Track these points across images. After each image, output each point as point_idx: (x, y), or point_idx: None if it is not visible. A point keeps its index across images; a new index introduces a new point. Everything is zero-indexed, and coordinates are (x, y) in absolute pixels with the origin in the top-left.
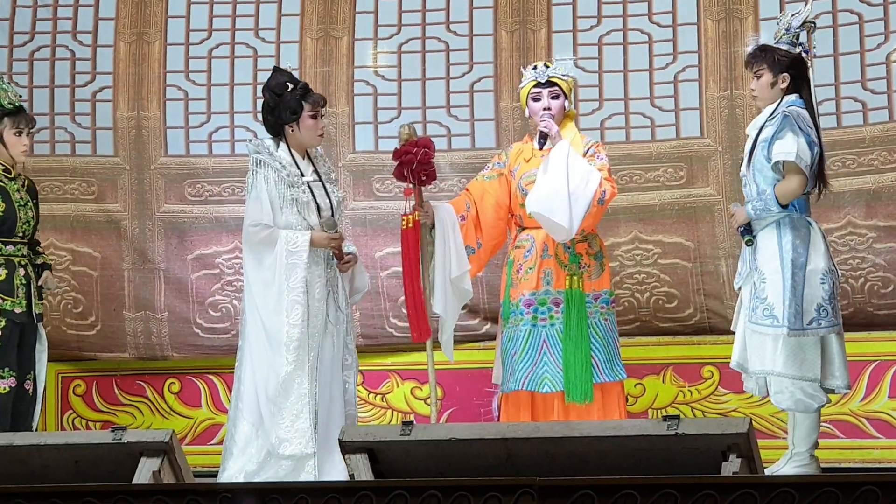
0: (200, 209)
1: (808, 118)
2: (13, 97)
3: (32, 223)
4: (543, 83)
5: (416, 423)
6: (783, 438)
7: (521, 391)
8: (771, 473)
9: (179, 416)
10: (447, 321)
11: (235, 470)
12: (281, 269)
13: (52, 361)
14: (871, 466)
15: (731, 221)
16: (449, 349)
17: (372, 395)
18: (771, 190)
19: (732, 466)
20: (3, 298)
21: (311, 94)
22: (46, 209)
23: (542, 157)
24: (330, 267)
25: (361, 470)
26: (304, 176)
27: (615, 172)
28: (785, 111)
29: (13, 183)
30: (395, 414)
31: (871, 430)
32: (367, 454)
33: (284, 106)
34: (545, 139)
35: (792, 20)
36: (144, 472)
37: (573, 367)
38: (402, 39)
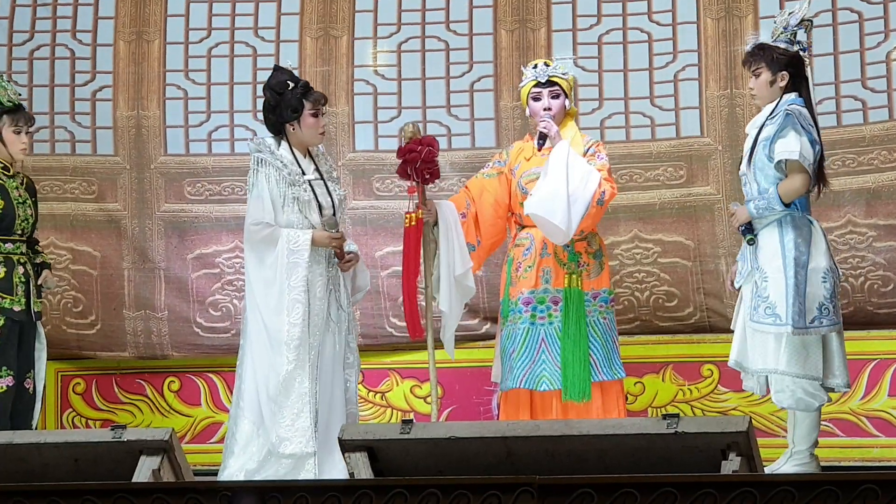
0: (200, 208)
1: (808, 117)
2: (12, 95)
3: (31, 221)
4: (544, 83)
5: (415, 421)
6: (783, 437)
7: (519, 389)
8: (771, 472)
9: (179, 414)
10: (451, 318)
11: (236, 468)
12: (282, 267)
13: (51, 360)
14: (870, 465)
15: (731, 221)
16: (451, 347)
17: (371, 393)
18: (774, 189)
19: (732, 465)
20: (1, 297)
21: (311, 92)
22: (46, 208)
23: (542, 156)
24: (331, 266)
25: (361, 468)
26: (305, 174)
27: (615, 172)
28: (787, 110)
29: (12, 181)
30: (394, 412)
31: (870, 428)
32: (366, 453)
33: (285, 104)
34: (544, 140)
35: (789, 18)
36: (144, 470)
37: (571, 365)
38: (401, 38)
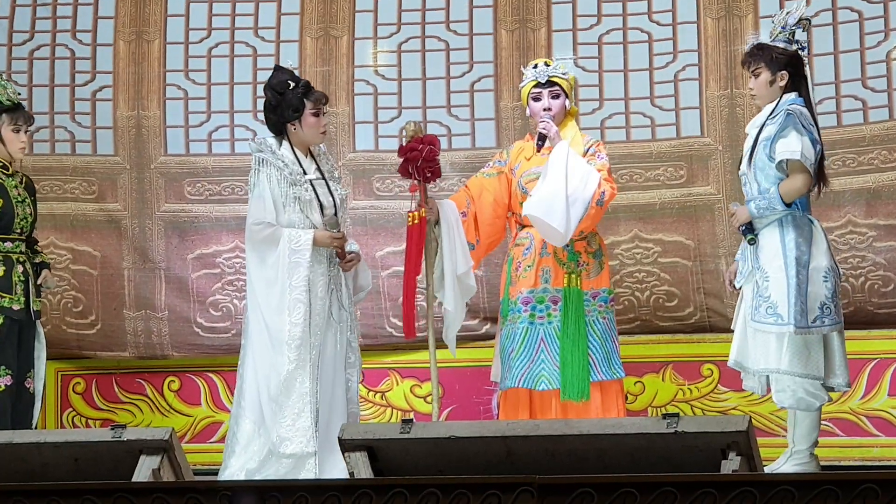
0: (201, 208)
1: (809, 116)
2: (12, 94)
3: (30, 220)
4: (543, 83)
5: (415, 421)
6: (783, 436)
7: (518, 389)
8: (770, 471)
9: (179, 413)
10: (455, 317)
11: (237, 468)
12: (284, 267)
13: (51, 360)
14: (870, 464)
15: (731, 221)
16: (453, 345)
17: (371, 393)
18: (775, 188)
19: (732, 464)
20: (1, 295)
21: (312, 91)
22: (46, 208)
23: (542, 155)
24: (333, 265)
25: (361, 468)
26: (306, 174)
27: (615, 171)
28: (788, 109)
29: (11, 179)
30: (394, 412)
31: (870, 428)
32: (366, 452)
33: (286, 104)
34: (544, 140)
35: (787, 18)
36: (144, 469)
37: (570, 365)
38: (401, 38)
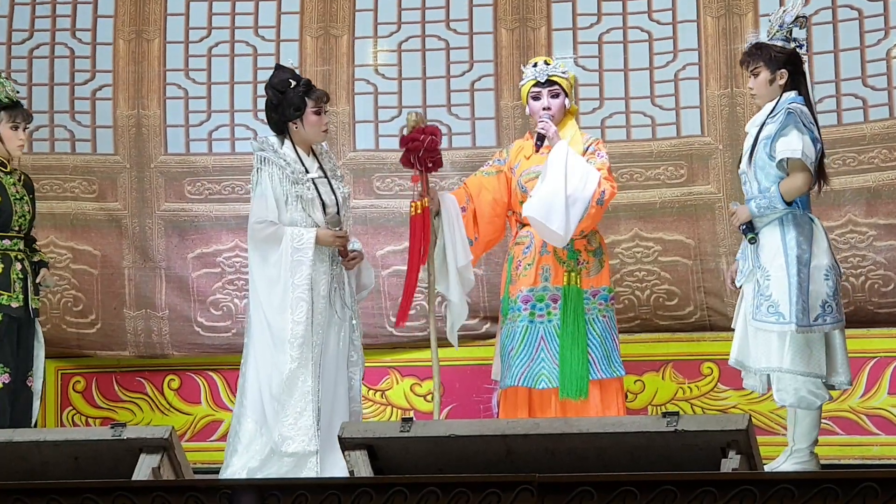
0: (201, 207)
1: (809, 115)
2: (10, 92)
3: (28, 217)
4: (543, 82)
5: (415, 419)
6: (782, 435)
7: (518, 387)
8: (770, 470)
9: (179, 412)
10: (461, 310)
11: (238, 466)
12: (286, 266)
13: (51, 358)
14: (870, 463)
15: (731, 220)
16: (454, 336)
17: (371, 391)
18: (775, 187)
19: (732, 463)
20: None
21: (314, 90)
22: (46, 207)
23: (542, 154)
24: (335, 264)
25: (361, 466)
26: (308, 172)
27: (616, 171)
28: (788, 108)
29: (9, 177)
30: (394, 410)
31: (870, 426)
32: (366, 451)
33: (288, 103)
34: (542, 140)
35: (784, 16)
36: (144, 468)
37: (569, 363)
38: (401, 38)
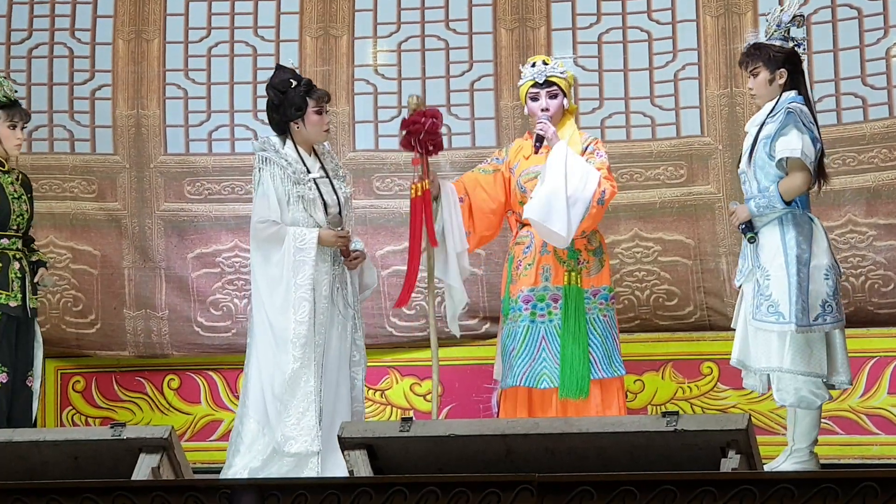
0: (200, 207)
1: (809, 114)
2: (8, 91)
3: (26, 217)
4: (541, 83)
5: (415, 419)
6: (782, 435)
7: (519, 387)
8: (770, 470)
9: (179, 412)
10: (462, 295)
11: (240, 466)
12: (289, 266)
13: (51, 358)
14: (870, 463)
15: (731, 220)
16: (455, 325)
17: (371, 391)
18: (775, 187)
19: (731, 463)
20: None
21: (315, 90)
22: (46, 207)
23: (541, 154)
24: (337, 264)
25: (360, 466)
26: (310, 172)
27: (615, 171)
28: (788, 108)
29: (7, 176)
30: (394, 410)
31: (870, 426)
32: (366, 450)
33: (289, 103)
34: (541, 141)
35: (782, 16)
36: (143, 468)
37: (569, 362)
38: (401, 38)
